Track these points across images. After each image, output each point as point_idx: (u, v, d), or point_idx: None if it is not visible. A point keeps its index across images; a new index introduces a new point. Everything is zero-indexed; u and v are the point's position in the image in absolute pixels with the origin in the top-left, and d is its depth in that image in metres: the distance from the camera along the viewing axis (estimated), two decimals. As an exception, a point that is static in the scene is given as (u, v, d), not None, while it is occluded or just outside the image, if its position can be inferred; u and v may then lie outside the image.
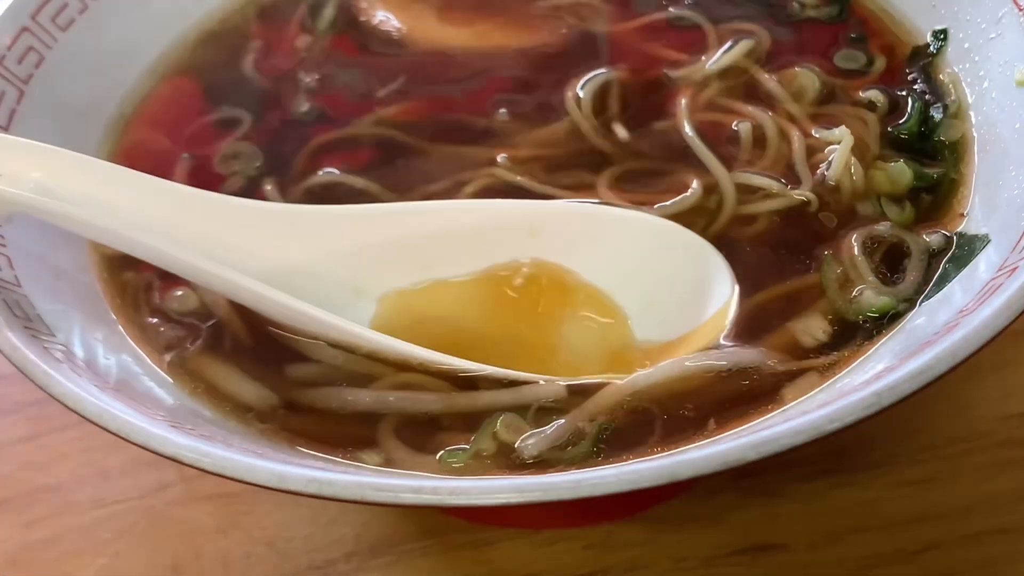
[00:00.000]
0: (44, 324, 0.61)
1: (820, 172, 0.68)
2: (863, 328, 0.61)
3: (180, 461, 0.51)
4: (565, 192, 0.69)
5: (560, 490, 0.47)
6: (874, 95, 0.72)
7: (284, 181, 0.73)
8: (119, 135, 0.77)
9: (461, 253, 0.66)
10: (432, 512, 0.70)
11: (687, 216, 0.67)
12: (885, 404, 0.48)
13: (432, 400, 0.60)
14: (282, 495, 0.51)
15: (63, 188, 0.61)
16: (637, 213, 0.67)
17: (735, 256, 0.65)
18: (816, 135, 0.70)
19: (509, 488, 0.48)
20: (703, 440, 0.57)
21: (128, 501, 0.74)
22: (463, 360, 0.61)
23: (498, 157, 0.71)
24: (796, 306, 0.63)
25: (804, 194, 0.67)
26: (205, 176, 0.73)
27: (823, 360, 0.60)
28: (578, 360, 0.62)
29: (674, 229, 0.66)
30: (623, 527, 0.69)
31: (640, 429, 0.58)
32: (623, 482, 0.47)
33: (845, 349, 0.60)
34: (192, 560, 0.71)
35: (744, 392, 0.59)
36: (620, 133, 0.72)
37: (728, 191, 0.68)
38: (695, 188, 0.68)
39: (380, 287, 0.65)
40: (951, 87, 0.71)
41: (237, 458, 0.50)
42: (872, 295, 0.62)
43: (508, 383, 0.60)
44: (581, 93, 0.75)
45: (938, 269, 0.62)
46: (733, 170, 0.69)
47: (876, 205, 0.66)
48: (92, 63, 0.76)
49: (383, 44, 0.82)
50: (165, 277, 0.66)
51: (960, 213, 0.65)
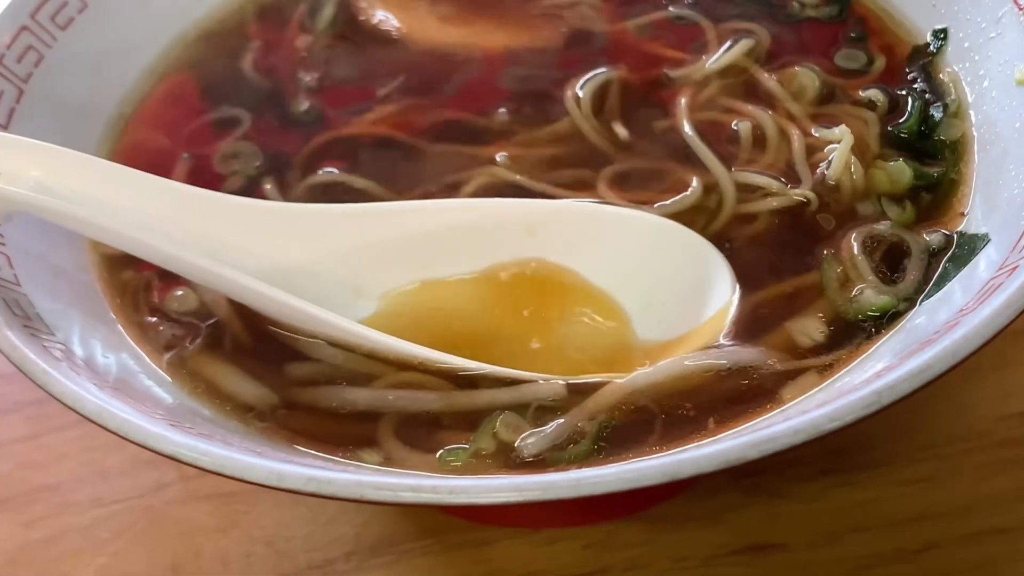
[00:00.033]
0: (43, 323, 0.61)
1: (820, 171, 0.68)
2: (862, 328, 0.61)
3: (179, 460, 0.51)
4: (565, 191, 0.69)
5: (560, 489, 0.47)
6: (874, 94, 0.72)
7: (284, 180, 0.73)
8: (119, 134, 0.77)
9: (460, 252, 0.66)
10: (432, 511, 0.70)
11: (687, 215, 0.67)
12: (885, 403, 0.48)
13: (432, 399, 0.60)
14: (281, 494, 0.51)
15: (62, 186, 0.61)
16: (637, 212, 0.67)
17: (735, 255, 0.65)
18: (816, 134, 0.70)
19: (509, 487, 0.48)
20: (703, 439, 0.56)
21: (127, 500, 0.74)
22: (463, 359, 0.61)
23: (497, 156, 0.71)
24: (796, 305, 0.63)
25: (804, 193, 0.67)
26: (205, 175, 0.73)
27: (822, 359, 0.60)
28: (578, 359, 0.62)
29: (674, 228, 0.66)
30: (623, 526, 0.69)
31: (640, 428, 0.58)
32: (623, 481, 0.47)
33: (844, 348, 0.60)
34: (191, 559, 0.71)
35: (744, 391, 0.59)
36: (620, 132, 0.72)
37: (728, 190, 0.68)
38: (695, 187, 0.68)
39: (380, 286, 0.65)
40: (951, 86, 0.71)
41: (236, 457, 0.50)
42: (872, 294, 0.61)
43: (508, 382, 0.60)
44: (581, 92, 0.75)
45: (938, 268, 0.62)
46: (733, 169, 0.69)
47: (876, 204, 0.66)
48: (92, 62, 0.76)
49: (383, 44, 0.82)
50: (165, 276, 0.66)
51: (960, 212, 0.65)
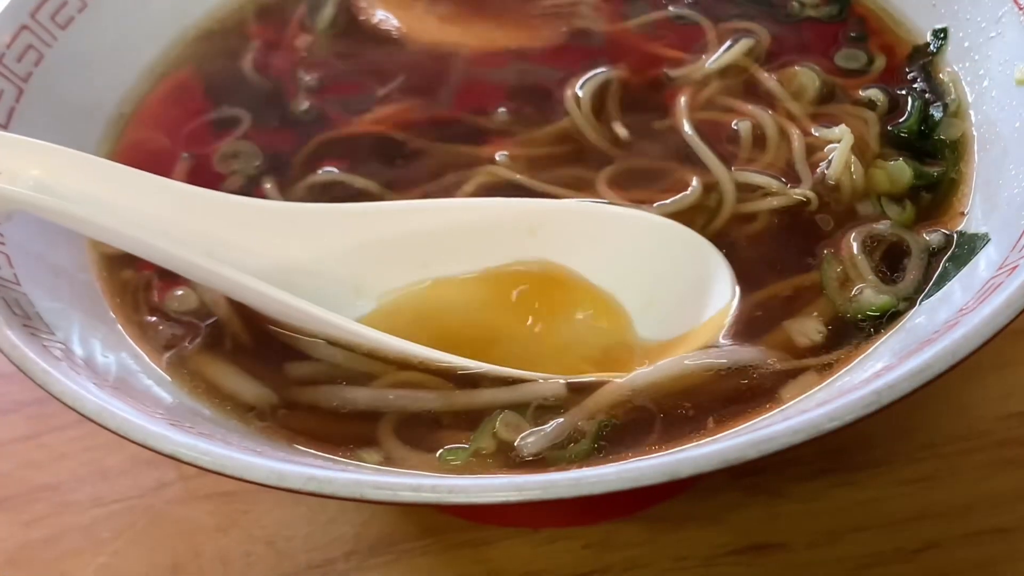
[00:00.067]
0: (43, 322, 0.60)
1: (820, 171, 0.68)
2: (862, 327, 0.61)
3: (179, 459, 0.51)
4: (565, 190, 0.69)
5: (560, 488, 0.47)
6: (874, 94, 0.72)
7: (284, 180, 0.73)
8: (119, 134, 0.77)
9: (460, 251, 0.66)
10: (432, 511, 0.70)
11: (687, 214, 0.67)
12: (885, 403, 0.48)
13: (432, 398, 0.60)
14: (281, 493, 0.51)
15: (62, 186, 0.61)
16: (637, 211, 0.67)
17: (735, 254, 0.65)
18: (816, 134, 0.70)
19: (508, 486, 0.48)
20: (702, 439, 0.56)
21: (127, 500, 0.74)
22: (463, 358, 0.61)
23: (497, 156, 0.71)
24: (796, 305, 0.63)
25: (804, 193, 0.67)
26: (205, 175, 0.73)
27: (822, 359, 0.60)
28: (577, 358, 0.62)
29: (674, 227, 0.66)
30: (622, 526, 0.69)
31: (639, 428, 0.58)
32: (623, 480, 0.47)
33: (844, 348, 0.60)
34: (191, 559, 0.71)
35: (743, 391, 0.59)
36: (620, 132, 0.72)
37: (728, 189, 0.68)
38: (695, 186, 0.68)
39: (380, 285, 0.65)
40: (951, 86, 0.71)
41: (236, 456, 0.50)
42: (872, 294, 0.61)
43: (508, 381, 0.60)
44: (580, 92, 0.75)
45: (938, 268, 0.62)
46: (733, 169, 0.69)
47: (876, 204, 0.66)
48: (92, 61, 0.76)
49: (383, 43, 0.82)
50: (164, 276, 0.66)
51: (960, 212, 0.65)
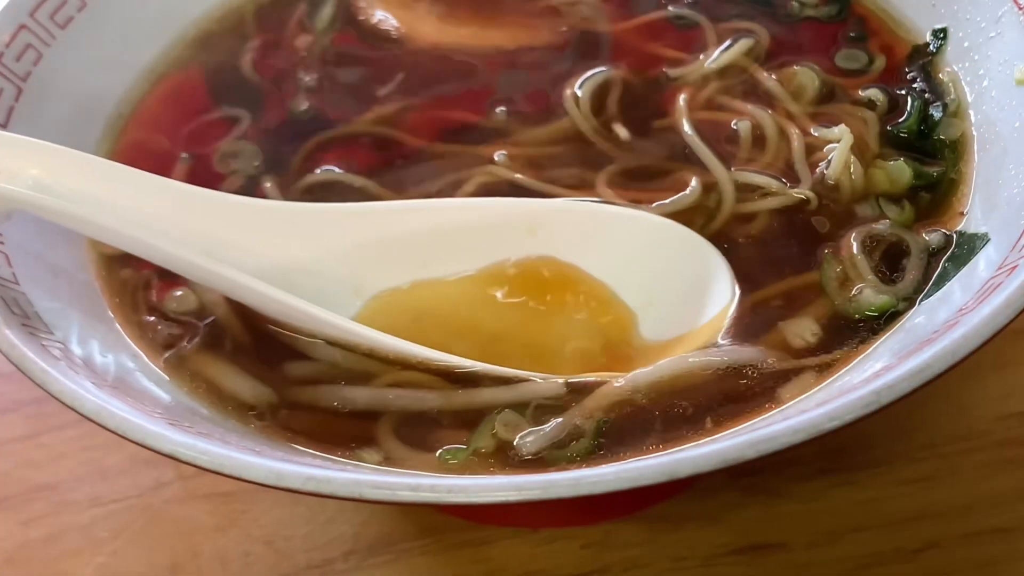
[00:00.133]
0: (42, 322, 0.60)
1: (819, 171, 0.68)
2: (861, 327, 0.61)
3: (177, 459, 0.50)
4: (564, 190, 0.69)
5: (559, 488, 0.47)
6: (874, 94, 0.72)
7: (283, 179, 0.72)
8: (118, 134, 0.76)
9: (460, 251, 0.65)
10: (431, 510, 0.70)
11: (686, 214, 0.67)
12: (884, 403, 0.48)
13: (431, 398, 0.60)
14: (280, 493, 0.51)
15: (61, 185, 0.61)
16: (636, 211, 0.67)
17: (734, 254, 0.65)
18: (815, 134, 0.70)
19: (508, 486, 0.48)
20: (701, 439, 0.56)
21: (126, 500, 0.74)
22: (462, 358, 0.61)
23: (496, 155, 0.71)
24: (795, 305, 0.63)
25: (803, 192, 0.67)
26: (204, 175, 0.73)
27: (821, 359, 0.60)
28: (577, 358, 0.62)
29: (673, 227, 0.66)
30: (622, 526, 0.69)
31: (639, 427, 0.58)
32: (622, 480, 0.47)
33: (844, 348, 0.60)
34: (190, 559, 0.71)
35: (743, 390, 0.59)
36: (619, 131, 0.72)
37: (727, 189, 0.68)
38: (694, 186, 0.68)
39: (379, 285, 0.65)
40: (951, 86, 0.71)
41: (235, 456, 0.50)
42: (871, 294, 0.61)
43: (507, 381, 0.60)
44: (580, 92, 0.75)
45: (937, 268, 0.62)
46: (732, 168, 0.69)
47: (875, 204, 0.66)
48: (91, 61, 0.76)
49: (382, 43, 0.82)
50: (163, 275, 0.66)
51: (960, 212, 0.65)
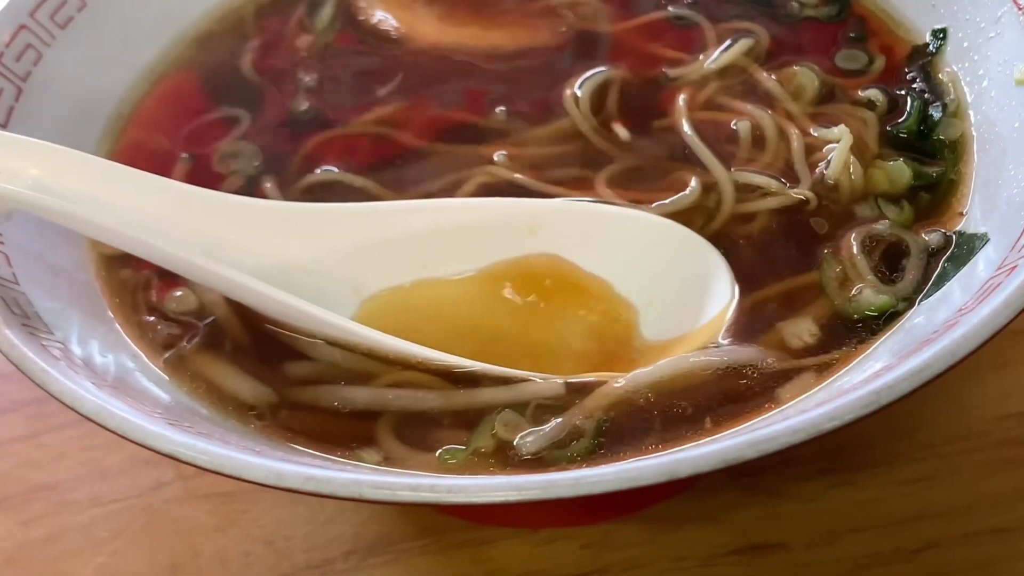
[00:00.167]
0: (42, 322, 0.60)
1: (819, 171, 0.68)
2: (861, 327, 0.61)
3: (178, 459, 0.50)
4: (564, 190, 0.69)
5: (559, 488, 0.47)
6: (873, 94, 0.72)
7: (283, 180, 0.72)
8: (118, 134, 0.76)
9: (460, 251, 0.66)
10: (430, 511, 0.70)
11: (686, 214, 0.67)
12: (884, 403, 0.48)
13: (431, 398, 0.60)
14: (280, 493, 0.51)
15: (61, 185, 0.61)
16: (636, 211, 0.67)
17: (733, 255, 0.65)
18: (815, 134, 0.70)
19: (507, 486, 0.48)
20: (701, 439, 0.56)
21: (126, 500, 0.74)
22: (462, 358, 0.61)
23: (496, 155, 0.71)
24: (795, 305, 0.63)
25: (803, 193, 0.67)
26: (204, 175, 0.73)
27: (821, 359, 0.60)
28: (577, 358, 0.62)
29: (673, 227, 0.66)
30: (621, 526, 0.69)
31: (639, 427, 0.58)
32: (622, 480, 0.47)
33: (843, 348, 0.60)
34: (190, 559, 0.71)
35: (743, 390, 0.59)
36: (619, 131, 0.72)
37: (727, 190, 0.68)
38: (694, 186, 0.68)
39: (379, 285, 0.65)
40: (950, 86, 0.71)
41: (234, 455, 0.50)
42: (871, 294, 0.61)
43: (507, 380, 0.60)
44: (579, 92, 0.75)
45: (937, 268, 0.62)
46: (732, 169, 0.69)
47: (875, 204, 0.66)
48: (91, 61, 0.76)
49: (382, 43, 0.82)
50: (163, 275, 0.66)
51: (959, 212, 0.65)
